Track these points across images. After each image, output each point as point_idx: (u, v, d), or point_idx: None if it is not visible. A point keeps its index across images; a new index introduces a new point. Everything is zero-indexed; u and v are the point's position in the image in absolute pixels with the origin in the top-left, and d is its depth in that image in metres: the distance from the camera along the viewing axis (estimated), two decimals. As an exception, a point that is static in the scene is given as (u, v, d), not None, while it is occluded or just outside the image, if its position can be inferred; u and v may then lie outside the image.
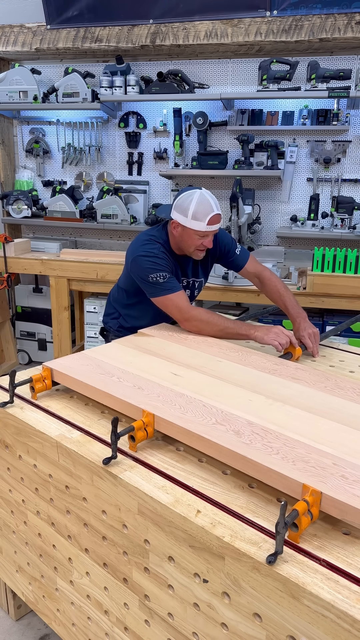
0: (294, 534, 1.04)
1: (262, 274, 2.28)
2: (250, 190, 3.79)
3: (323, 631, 0.91)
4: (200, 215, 2.01)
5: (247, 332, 1.99)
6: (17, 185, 4.45)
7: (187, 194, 2.06)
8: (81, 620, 1.57)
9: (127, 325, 2.32)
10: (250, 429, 1.32)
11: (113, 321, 2.41)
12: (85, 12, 3.72)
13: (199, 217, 2.01)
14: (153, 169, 4.18)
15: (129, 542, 1.30)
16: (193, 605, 1.17)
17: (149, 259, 2.08)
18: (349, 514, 1.03)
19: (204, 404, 1.46)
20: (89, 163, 4.31)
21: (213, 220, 2.03)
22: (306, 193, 3.86)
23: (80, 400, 1.68)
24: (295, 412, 1.43)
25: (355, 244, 3.67)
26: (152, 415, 1.39)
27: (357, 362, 2.02)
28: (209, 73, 3.88)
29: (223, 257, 2.31)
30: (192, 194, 2.04)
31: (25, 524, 1.71)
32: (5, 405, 1.64)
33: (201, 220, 2.01)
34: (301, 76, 3.59)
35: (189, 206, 2.02)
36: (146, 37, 3.67)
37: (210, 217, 2.01)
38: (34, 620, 2.01)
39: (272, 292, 2.24)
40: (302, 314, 2.12)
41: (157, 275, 2.06)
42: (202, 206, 2.01)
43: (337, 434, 1.31)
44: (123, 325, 2.35)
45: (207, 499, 1.18)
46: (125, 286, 2.30)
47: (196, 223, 2.01)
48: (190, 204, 2.02)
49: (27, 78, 3.99)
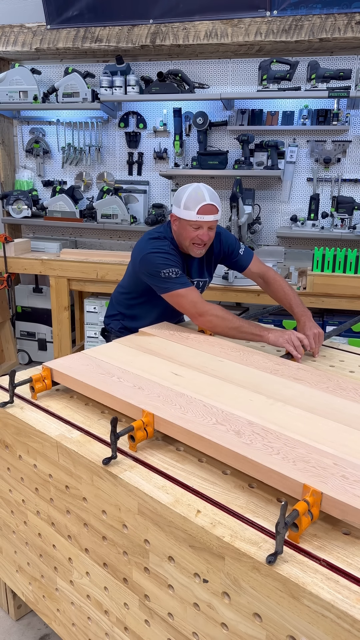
0: (294, 534, 1.04)
1: (267, 273, 2.28)
2: (250, 190, 3.79)
3: (323, 631, 0.91)
4: (190, 204, 2.00)
5: (261, 332, 1.98)
6: (17, 185, 4.45)
7: (183, 187, 2.08)
8: (81, 620, 1.57)
9: (130, 325, 2.31)
10: (251, 429, 1.32)
11: (115, 322, 2.40)
12: (85, 12, 3.72)
13: (190, 206, 2.01)
14: (153, 169, 4.18)
15: (129, 542, 1.30)
16: (193, 605, 1.17)
17: (160, 255, 2.07)
18: (350, 514, 1.03)
19: (205, 404, 1.46)
20: (89, 163, 4.31)
21: (204, 210, 2.00)
22: (306, 193, 3.86)
23: (80, 400, 1.68)
24: (296, 413, 1.42)
25: (355, 244, 3.67)
26: (151, 415, 1.38)
27: (357, 362, 2.02)
28: (209, 73, 3.88)
29: (227, 257, 2.31)
30: (189, 186, 2.06)
31: (25, 524, 1.71)
32: (5, 405, 1.64)
33: (191, 209, 2.00)
34: (301, 76, 3.59)
35: (182, 196, 2.03)
36: (146, 37, 3.67)
37: (201, 206, 2.00)
38: (34, 620, 2.01)
39: (277, 292, 2.24)
40: (307, 313, 2.12)
41: (169, 271, 2.04)
42: (194, 196, 2.01)
43: (338, 434, 1.31)
44: (127, 326, 2.34)
45: (207, 499, 1.18)
46: (129, 287, 2.29)
47: (186, 212, 2.01)
48: (183, 195, 2.03)
49: (27, 78, 3.99)
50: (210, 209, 2.02)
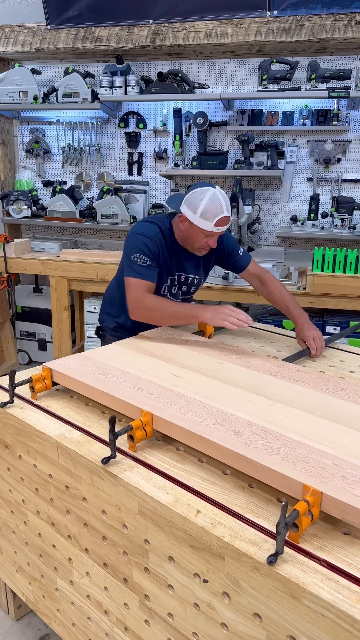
0: (294, 534, 1.04)
1: (264, 276, 2.28)
2: (250, 190, 3.79)
3: (323, 631, 0.91)
4: (209, 215, 1.97)
5: (196, 313, 1.98)
6: (17, 185, 4.45)
7: (200, 190, 2.00)
8: (81, 620, 1.57)
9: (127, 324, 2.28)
10: (251, 429, 1.32)
11: (110, 319, 2.37)
12: (85, 12, 3.72)
13: (208, 217, 1.97)
14: (153, 169, 4.18)
15: (129, 542, 1.30)
16: (193, 605, 1.17)
17: (142, 238, 2.06)
18: (350, 514, 1.03)
19: (204, 404, 1.46)
20: (89, 163, 4.31)
21: (221, 222, 1.99)
22: (306, 193, 3.86)
23: (80, 400, 1.68)
24: (295, 413, 1.43)
25: (355, 244, 3.67)
26: (150, 415, 1.39)
27: (357, 362, 2.02)
28: (209, 73, 3.88)
29: (226, 257, 2.30)
30: (206, 191, 1.99)
31: (25, 524, 1.71)
32: (5, 405, 1.64)
33: (209, 220, 1.97)
34: (301, 76, 3.59)
35: (199, 204, 1.97)
36: (146, 37, 3.67)
37: (219, 218, 1.97)
38: (34, 620, 2.01)
39: (274, 294, 2.24)
40: (304, 315, 2.13)
41: (138, 257, 2.04)
42: (212, 206, 1.96)
43: (337, 435, 1.31)
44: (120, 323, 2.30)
45: (207, 499, 1.18)
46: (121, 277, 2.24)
47: (204, 222, 1.98)
48: (201, 202, 1.97)
49: (27, 78, 3.99)
50: (227, 220, 2.01)
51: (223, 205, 1.98)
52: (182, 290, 2.29)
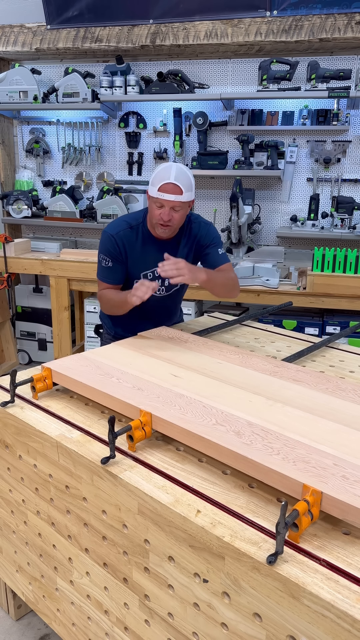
0: (294, 534, 1.04)
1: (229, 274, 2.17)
2: (250, 190, 3.79)
3: (323, 631, 0.91)
4: (156, 180, 1.96)
5: (125, 298, 2.01)
6: (17, 185, 4.45)
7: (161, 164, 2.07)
8: (81, 620, 1.57)
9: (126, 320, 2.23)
10: (251, 429, 1.32)
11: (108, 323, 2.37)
12: (85, 12, 3.72)
13: (154, 182, 1.96)
14: (153, 169, 4.18)
15: (129, 542, 1.30)
16: (193, 605, 1.17)
17: (105, 238, 2.12)
18: (350, 514, 1.03)
19: (204, 404, 1.46)
20: (89, 163, 4.31)
21: (165, 188, 1.93)
22: (306, 193, 3.86)
23: (80, 400, 1.68)
24: (295, 413, 1.43)
25: (355, 244, 3.67)
26: (149, 415, 1.39)
27: (357, 362, 2.02)
28: (209, 73, 3.88)
29: (200, 248, 2.19)
30: (165, 163, 2.02)
31: (26, 523, 1.71)
32: (6, 404, 1.64)
33: (154, 186, 1.96)
34: (301, 76, 3.59)
35: (154, 172, 2.00)
36: (146, 37, 3.67)
37: (163, 183, 1.93)
38: (34, 620, 2.01)
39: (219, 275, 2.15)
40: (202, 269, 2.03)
41: (102, 258, 2.13)
42: (161, 173, 1.95)
43: (337, 435, 1.31)
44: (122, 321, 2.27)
45: (207, 499, 1.18)
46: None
47: (151, 188, 1.97)
48: (155, 171, 2.00)
49: (27, 78, 3.99)
50: (173, 188, 1.94)
51: (172, 173, 1.94)
52: (165, 285, 2.20)
